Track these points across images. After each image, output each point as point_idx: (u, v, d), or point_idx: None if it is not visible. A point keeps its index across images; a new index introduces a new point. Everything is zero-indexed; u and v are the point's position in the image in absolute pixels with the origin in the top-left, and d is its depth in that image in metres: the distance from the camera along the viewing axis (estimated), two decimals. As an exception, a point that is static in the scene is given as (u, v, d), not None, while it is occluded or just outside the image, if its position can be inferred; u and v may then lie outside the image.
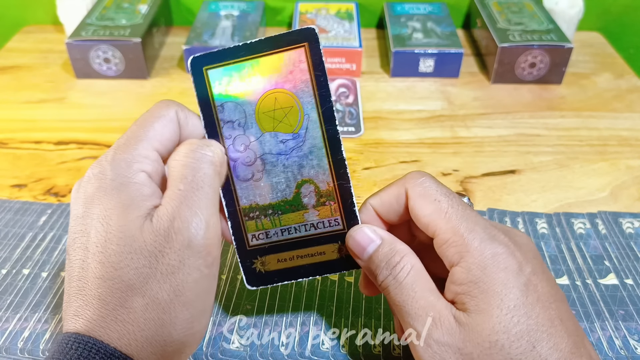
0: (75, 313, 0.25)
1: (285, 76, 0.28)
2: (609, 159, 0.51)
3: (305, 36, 0.28)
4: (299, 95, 0.28)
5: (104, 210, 0.25)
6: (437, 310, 0.26)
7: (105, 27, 0.62)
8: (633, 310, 0.37)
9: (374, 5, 0.74)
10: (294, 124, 0.29)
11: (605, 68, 0.66)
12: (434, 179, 0.28)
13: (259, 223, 0.30)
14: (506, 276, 0.25)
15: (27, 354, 0.34)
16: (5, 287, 0.38)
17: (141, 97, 0.60)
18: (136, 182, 0.26)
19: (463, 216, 0.26)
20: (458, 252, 0.26)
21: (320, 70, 0.28)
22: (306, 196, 0.30)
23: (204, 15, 0.68)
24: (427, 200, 0.27)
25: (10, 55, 0.69)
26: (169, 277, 0.25)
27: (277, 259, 0.31)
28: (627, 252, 0.41)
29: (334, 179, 0.29)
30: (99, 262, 0.25)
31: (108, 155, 0.27)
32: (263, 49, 0.28)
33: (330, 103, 0.28)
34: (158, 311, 0.25)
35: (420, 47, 0.62)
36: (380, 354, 0.34)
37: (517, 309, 0.24)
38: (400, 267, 0.27)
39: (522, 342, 0.24)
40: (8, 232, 0.43)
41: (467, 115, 0.57)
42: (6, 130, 0.55)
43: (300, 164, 0.29)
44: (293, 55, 0.28)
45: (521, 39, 0.60)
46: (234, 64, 0.28)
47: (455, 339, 0.25)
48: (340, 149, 0.29)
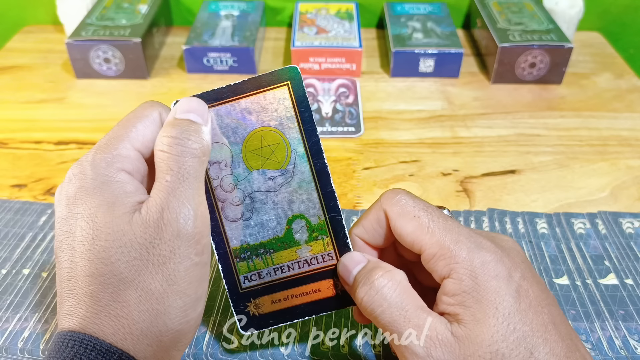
0: (68, 312, 0.25)
1: (270, 114, 0.29)
2: (609, 159, 0.51)
3: (288, 75, 0.29)
4: (285, 132, 0.29)
5: (88, 209, 0.25)
6: (433, 327, 0.25)
7: (105, 27, 0.62)
8: (633, 310, 0.37)
9: (374, 5, 0.74)
10: (281, 160, 0.29)
11: (605, 68, 0.66)
12: (409, 195, 0.28)
13: (251, 264, 0.30)
14: (497, 284, 0.25)
15: (27, 354, 0.34)
16: (5, 287, 0.38)
17: (141, 97, 0.60)
18: (118, 181, 0.26)
19: (445, 228, 0.26)
20: (447, 264, 0.26)
21: (304, 106, 0.29)
22: (298, 232, 0.30)
23: (204, 15, 0.68)
24: (407, 218, 0.27)
25: (10, 55, 0.69)
26: (161, 267, 0.25)
27: (271, 300, 0.31)
28: (627, 252, 0.41)
29: (325, 212, 0.30)
30: (87, 260, 0.25)
31: (88, 155, 0.27)
32: (246, 89, 0.29)
33: (317, 137, 0.29)
34: (152, 302, 0.25)
35: (420, 47, 0.62)
36: (380, 354, 0.34)
37: (511, 316, 0.24)
38: (384, 283, 0.26)
39: (521, 349, 0.24)
40: (8, 232, 0.43)
41: (467, 115, 0.57)
42: (6, 130, 0.55)
43: (290, 199, 0.29)
44: (277, 94, 0.29)
45: (521, 39, 0.60)
46: (219, 105, 0.29)
47: (455, 355, 0.24)
48: (329, 182, 0.29)
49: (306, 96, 0.29)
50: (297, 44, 0.62)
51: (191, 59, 0.63)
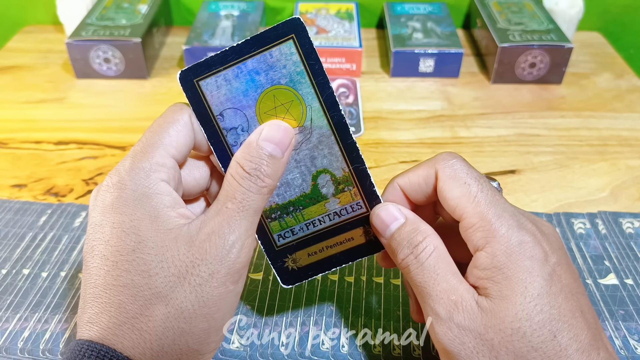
0: (90, 320, 0.25)
1: (279, 71, 0.28)
2: (609, 159, 0.51)
3: (291, 27, 0.27)
4: (297, 88, 0.28)
5: (129, 220, 0.25)
6: (459, 293, 0.25)
7: (105, 27, 0.62)
8: (633, 310, 0.37)
9: (374, 5, 0.74)
10: (297, 117, 0.28)
11: (605, 68, 0.66)
12: (464, 162, 0.28)
13: (282, 222, 0.30)
14: (531, 264, 0.25)
15: (27, 354, 0.34)
16: (5, 287, 0.38)
17: (141, 97, 0.60)
18: (157, 193, 0.26)
19: (492, 201, 0.26)
20: (484, 237, 0.26)
21: (314, 58, 0.27)
22: (324, 186, 0.30)
23: (204, 15, 0.68)
24: (457, 182, 0.27)
25: (10, 55, 0.69)
26: (196, 289, 0.25)
27: (307, 253, 0.31)
28: (627, 252, 0.41)
29: (348, 163, 0.29)
30: (124, 270, 0.25)
31: (125, 163, 0.26)
32: (251, 49, 0.27)
33: (331, 89, 0.28)
34: (179, 320, 0.25)
35: (420, 47, 0.62)
36: (380, 354, 0.34)
37: (540, 297, 0.24)
38: (423, 247, 0.27)
39: (544, 330, 0.24)
40: (8, 232, 0.43)
41: (467, 115, 0.57)
42: (6, 130, 0.55)
43: (311, 155, 0.29)
44: (283, 49, 0.27)
45: (521, 39, 0.60)
46: (225, 70, 0.28)
47: (476, 323, 0.25)
48: (349, 134, 0.29)
49: (314, 47, 0.27)
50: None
51: (191, 59, 0.63)
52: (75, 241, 0.42)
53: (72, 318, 0.36)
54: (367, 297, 0.37)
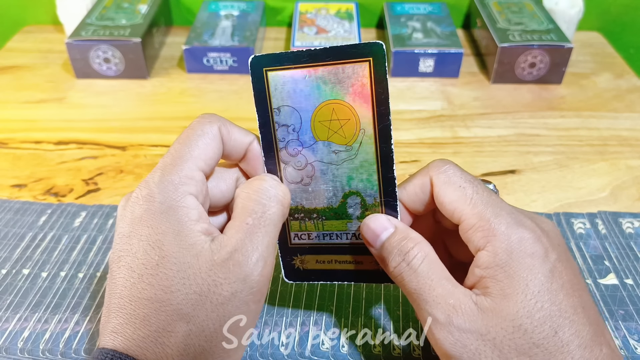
0: (114, 330, 0.25)
1: (345, 88, 0.28)
2: (609, 159, 0.51)
3: (372, 51, 0.27)
4: (357, 110, 0.28)
5: (154, 234, 0.25)
6: (457, 297, 0.26)
7: (105, 27, 0.62)
8: (633, 310, 0.37)
9: (374, 5, 0.74)
10: (348, 137, 0.29)
11: (605, 68, 0.66)
12: (457, 167, 0.28)
13: (303, 224, 0.31)
14: (532, 262, 0.25)
15: (27, 354, 0.34)
16: (5, 287, 0.38)
17: (141, 97, 0.60)
18: (184, 206, 0.26)
19: (488, 202, 0.26)
20: (484, 236, 0.26)
21: (383, 87, 0.27)
22: (352, 207, 0.30)
23: (204, 15, 0.68)
24: (452, 187, 0.27)
25: (10, 55, 0.69)
26: (218, 307, 0.25)
27: (316, 259, 0.32)
28: (627, 252, 0.41)
29: (382, 195, 0.29)
30: (148, 284, 0.25)
31: (155, 176, 0.26)
32: (326, 58, 0.27)
33: (389, 121, 0.28)
34: (201, 339, 0.25)
35: (420, 47, 0.62)
36: (380, 354, 0.34)
37: (541, 294, 0.24)
38: (414, 254, 0.27)
39: (545, 327, 0.24)
40: (8, 232, 0.43)
41: (467, 115, 0.57)
42: (6, 130, 0.55)
43: (349, 175, 0.29)
44: (357, 69, 0.27)
45: (521, 39, 0.60)
46: (295, 69, 0.28)
47: (477, 324, 0.25)
48: (392, 168, 0.29)
49: (386, 77, 0.27)
50: (297, 44, 0.62)
51: (191, 58, 0.63)
52: (75, 241, 0.42)
53: (72, 318, 0.36)
54: (367, 297, 0.37)
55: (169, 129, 0.55)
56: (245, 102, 0.59)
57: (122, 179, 0.49)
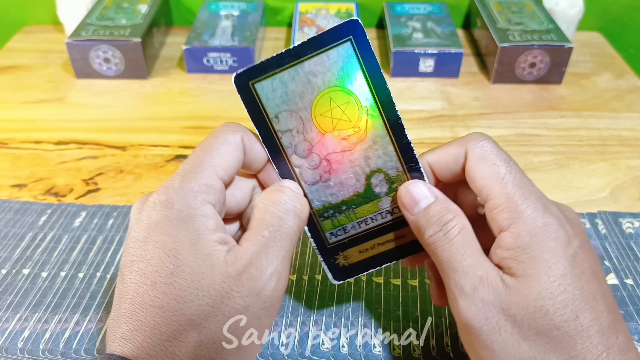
0: (123, 336, 0.24)
1: (336, 73, 0.28)
2: (609, 159, 0.51)
3: (349, 29, 0.27)
4: (353, 89, 0.28)
5: (171, 242, 0.25)
6: (485, 269, 0.26)
7: (105, 27, 0.62)
8: (633, 310, 0.37)
9: (374, 5, 0.74)
10: (353, 118, 0.28)
11: (605, 68, 0.66)
12: (494, 143, 0.28)
13: (335, 221, 0.30)
14: (555, 245, 0.25)
15: (27, 354, 0.34)
16: (5, 287, 0.38)
17: (141, 97, 0.60)
18: (202, 215, 0.26)
19: (519, 184, 0.26)
20: (509, 217, 0.26)
21: (371, 60, 0.27)
22: (377, 185, 0.30)
23: (204, 15, 0.68)
24: (486, 163, 0.27)
25: (10, 55, 0.69)
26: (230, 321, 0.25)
27: (358, 250, 0.31)
28: (627, 252, 0.41)
29: (403, 163, 0.29)
30: (161, 292, 0.24)
31: (174, 182, 0.26)
32: (307, 52, 0.27)
33: (387, 90, 0.28)
34: (210, 350, 0.25)
35: (420, 47, 0.62)
36: (380, 354, 0.34)
37: (564, 277, 0.24)
38: (452, 225, 0.27)
39: (567, 310, 0.24)
40: (8, 232, 0.43)
41: (467, 115, 0.57)
42: (6, 130, 0.55)
43: (366, 155, 0.29)
44: (340, 51, 0.27)
45: (521, 39, 0.60)
46: (281, 72, 0.27)
47: (500, 299, 0.25)
48: (404, 134, 0.29)
49: (371, 49, 0.27)
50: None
51: (191, 58, 0.63)
52: (75, 241, 0.42)
53: (72, 318, 0.36)
54: (367, 297, 0.37)
55: (169, 129, 0.55)
56: (245, 102, 0.59)
57: (122, 179, 0.49)
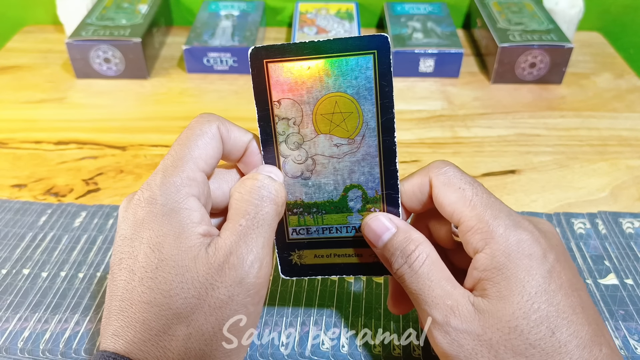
0: (115, 333, 0.25)
1: (349, 81, 0.27)
2: (609, 159, 0.51)
3: (377, 44, 0.27)
4: (361, 102, 0.28)
5: (155, 236, 0.25)
6: (454, 298, 0.26)
7: (105, 27, 0.62)
8: (633, 310, 0.37)
9: (374, 5, 0.74)
10: (351, 130, 0.28)
11: (605, 68, 0.66)
12: (457, 168, 0.28)
13: (302, 219, 0.30)
14: (530, 263, 0.25)
15: (27, 354, 0.34)
16: (5, 287, 0.38)
17: (141, 97, 0.60)
18: (186, 208, 0.26)
19: (487, 204, 0.26)
20: (483, 239, 0.26)
21: (387, 80, 0.27)
22: (352, 200, 0.30)
23: (204, 15, 0.68)
24: (452, 188, 0.27)
25: (10, 55, 0.69)
26: (216, 311, 0.25)
27: (314, 254, 0.31)
28: (627, 252, 0.41)
29: (383, 188, 0.29)
30: (147, 287, 0.25)
31: (157, 178, 0.26)
32: (329, 50, 0.27)
33: (392, 114, 0.28)
34: (200, 342, 0.25)
35: (420, 47, 0.62)
36: (381, 354, 0.34)
37: (538, 295, 0.24)
38: (416, 256, 0.27)
39: (542, 328, 0.24)
40: (8, 232, 0.43)
41: (467, 115, 0.57)
42: (6, 130, 0.55)
43: (351, 169, 0.29)
44: (361, 61, 0.27)
45: (521, 39, 0.60)
46: (297, 61, 0.27)
47: (473, 325, 0.25)
48: (394, 160, 0.29)
49: (391, 70, 0.27)
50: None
51: (191, 58, 0.63)
52: (75, 241, 0.42)
53: (72, 318, 0.36)
54: (367, 297, 0.37)
55: (169, 129, 0.55)
56: (246, 102, 0.59)
57: (122, 179, 0.49)
